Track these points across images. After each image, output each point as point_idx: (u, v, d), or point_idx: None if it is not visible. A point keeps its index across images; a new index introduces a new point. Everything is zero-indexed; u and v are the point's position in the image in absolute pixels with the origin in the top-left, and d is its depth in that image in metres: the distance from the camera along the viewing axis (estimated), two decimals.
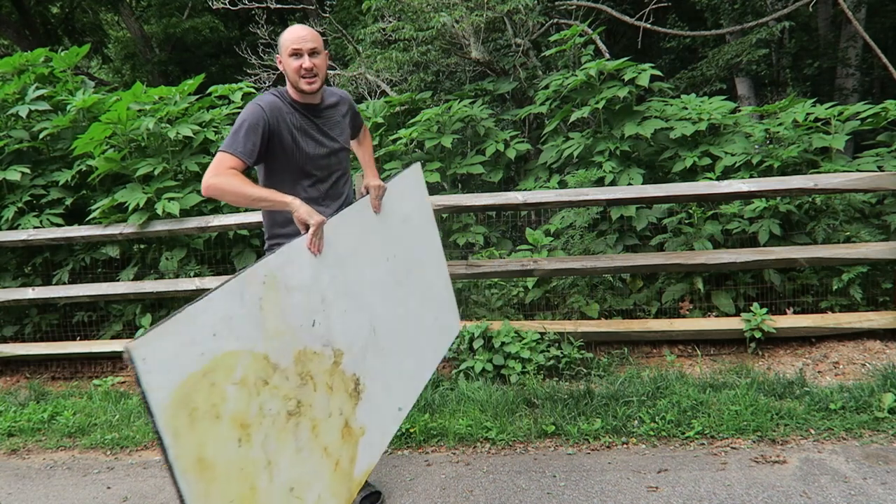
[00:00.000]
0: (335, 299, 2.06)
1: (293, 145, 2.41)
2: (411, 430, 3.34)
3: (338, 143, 2.55)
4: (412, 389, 2.47)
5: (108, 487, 3.17)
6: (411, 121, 5.24)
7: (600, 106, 4.55)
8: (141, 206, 4.39)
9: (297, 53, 2.34)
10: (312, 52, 2.34)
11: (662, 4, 6.81)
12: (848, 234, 4.05)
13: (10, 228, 4.77)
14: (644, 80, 4.49)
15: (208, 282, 4.42)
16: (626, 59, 4.70)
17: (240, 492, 1.62)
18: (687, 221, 4.32)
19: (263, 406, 1.72)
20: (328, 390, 1.96)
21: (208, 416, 1.57)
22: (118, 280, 4.75)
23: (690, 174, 4.44)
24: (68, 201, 4.88)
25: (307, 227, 2.02)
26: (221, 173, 2.21)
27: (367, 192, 2.39)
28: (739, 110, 4.90)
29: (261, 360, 1.74)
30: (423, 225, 2.76)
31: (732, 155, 4.36)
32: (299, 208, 2.08)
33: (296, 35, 2.36)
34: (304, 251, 2.00)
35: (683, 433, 3.15)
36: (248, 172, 2.38)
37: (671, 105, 4.78)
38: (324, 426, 1.92)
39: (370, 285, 2.26)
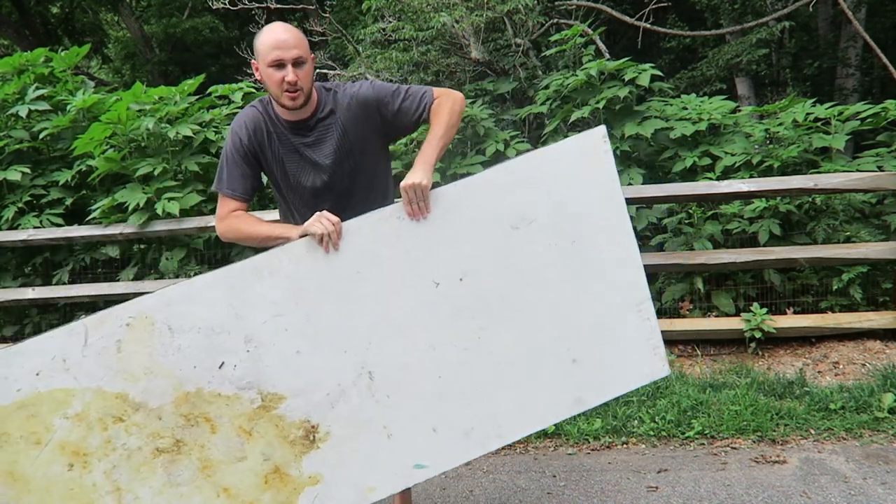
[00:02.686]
0: (278, 340, 1.91)
1: (281, 173, 2.11)
2: None
3: (332, 167, 2.08)
4: (464, 447, 2.00)
5: None
6: None
7: (601, 106, 4.55)
8: (141, 206, 4.39)
9: (278, 64, 1.91)
10: (297, 62, 1.92)
11: (662, 4, 6.80)
12: (848, 234, 4.05)
13: (10, 228, 4.77)
14: (644, 80, 4.49)
15: None
16: (626, 59, 4.70)
17: None
18: (687, 221, 4.32)
19: (112, 440, 1.87)
20: (242, 434, 1.92)
21: (24, 441, 1.83)
22: (118, 280, 4.75)
23: (690, 174, 4.44)
24: (68, 201, 4.88)
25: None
26: (225, 218, 2.07)
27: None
28: (739, 110, 4.90)
29: (112, 398, 1.86)
30: (572, 225, 2.01)
31: (732, 155, 4.36)
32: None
33: (277, 39, 1.92)
34: (217, 286, 1.89)
35: (683, 433, 3.15)
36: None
37: (671, 105, 4.78)
38: (226, 468, 1.93)
39: (375, 321, 1.95)
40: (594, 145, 2.05)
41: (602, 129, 2.05)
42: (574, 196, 2.02)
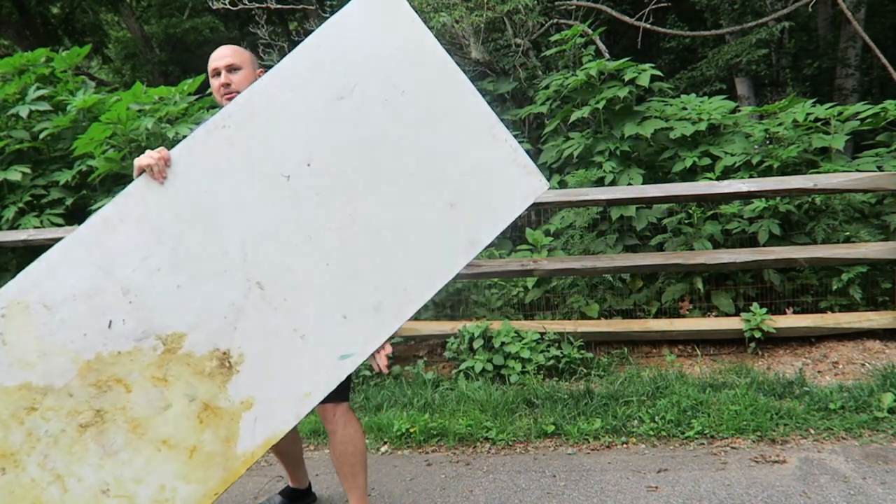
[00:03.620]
0: (155, 281, 1.91)
1: None
2: (411, 430, 3.34)
3: None
4: (380, 322, 1.99)
5: None
6: None
7: (600, 106, 4.55)
8: None
9: (215, 73, 2.20)
10: (230, 68, 2.18)
11: (662, 4, 6.81)
12: (847, 234, 4.05)
13: (11, 228, 4.77)
14: (644, 80, 4.49)
15: None
16: (626, 59, 4.70)
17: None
18: (687, 221, 4.32)
19: (34, 431, 1.85)
20: (158, 383, 1.92)
21: None
22: None
23: (690, 174, 4.45)
24: (69, 201, 4.88)
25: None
26: None
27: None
28: (739, 110, 4.90)
29: (16, 391, 1.84)
30: (398, 77, 1.99)
31: (732, 155, 4.37)
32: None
33: (214, 55, 2.23)
34: (76, 251, 1.89)
35: (683, 433, 3.15)
36: None
37: (671, 105, 4.79)
38: (156, 421, 1.92)
39: (242, 232, 1.94)
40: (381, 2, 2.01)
41: None
42: (383, 47, 2.00)
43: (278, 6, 7.71)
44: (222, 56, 2.21)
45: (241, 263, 1.94)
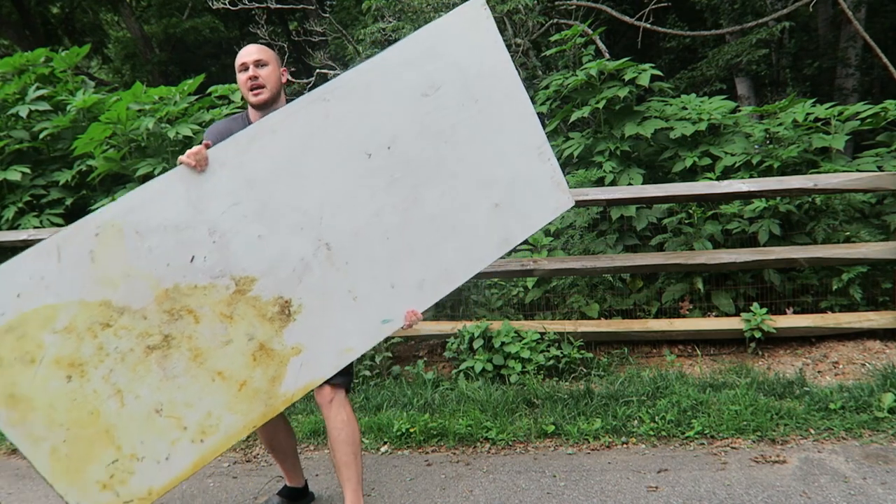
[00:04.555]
0: (240, 226, 2.08)
1: None
2: (411, 430, 3.34)
3: None
4: (421, 296, 2.28)
5: None
6: None
7: (600, 106, 4.55)
8: None
9: (244, 67, 2.36)
10: (257, 63, 2.34)
11: (662, 4, 6.81)
12: (848, 234, 4.05)
13: (11, 228, 4.77)
14: (644, 80, 4.49)
15: None
16: (626, 59, 4.70)
17: (74, 417, 1.94)
18: (687, 221, 4.32)
19: (105, 346, 1.98)
20: (224, 319, 2.09)
21: (18, 362, 1.89)
22: None
23: (690, 174, 4.44)
24: (68, 201, 4.88)
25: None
26: None
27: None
28: (739, 110, 4.90)
29: (96, 307, 1.97)
30: (474, 87, 2.28)
31: (732, 155, 4.36)
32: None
33: (242, 51, 2.40)
34: (175, 185, 2.03)
35: (683, 433, 3.15)
36: None
37: (671, 105, 4.78)
38: (215, 353, 2.09)
39: (323, 195, 2.16)
40: (476, 13, 2.28)
41: (482, 1, 2.30)
42: (468, 60, 2.27)
43: (278, 6, 7.71)
44: (250, 52, 2.37)
45: (316, 224, 2.16)
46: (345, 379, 2.38)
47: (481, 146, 2.30)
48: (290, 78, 2.51)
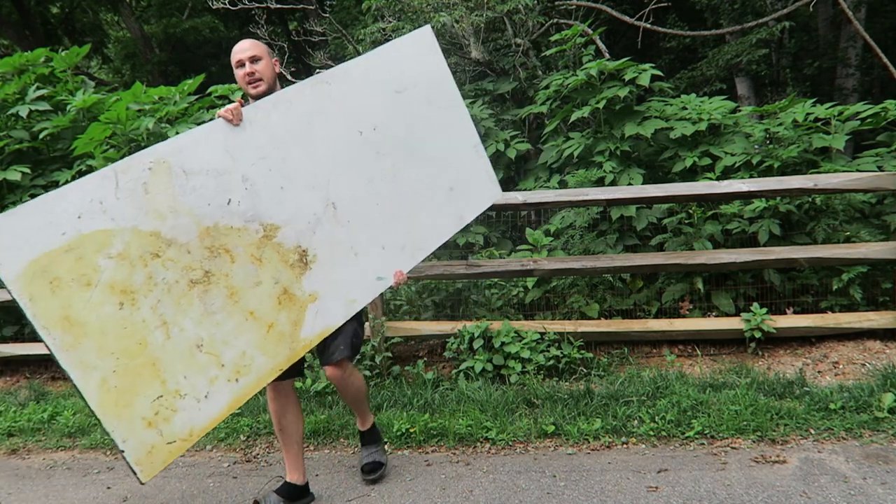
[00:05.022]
0: (265, 178, 2.32)
1: None
2: (411, 430, 3.34)
3: None
4: (404, 259, 2.65)
5: (108, 487, 3.17)
6: None
7: (600, 106, 4.55)
8: None
9: (240, 63, 2.57)
10: (253, 59, 2.56)
11: (662, 4, 6.81)
12: (848, 234, 4.05)
13: None
14: (645, 80, 4.49)
15: None
16: (626, 59, 4.70)
17: (124, 346, 2.02)
18: (687, 221, 4.32)
19: (154, 276, 2.08)
20: (254, 261, 2.28)
21: (75, 283, 1.95)
22: None
23: (690, 174, 4.44)
24: None
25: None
26: None
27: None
28: (739, 110, 4.90)
29: (147, 236, 2.08)
30: (430, 94, 2.79)
31: (732, 155, 4.36)
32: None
33: (237, 48, 2.60)
34: (213, 136, 2.23)
35: (683, 433, 3.15)
36: None
37: (671, 105, 4.78)
38: (247, 293, 2.26)
39: (329, 161, 2.47)
40: (426, 37, 2.83)
41: (427, 28, 2.87)
42: (423, 71, 2.78)
43: (278, 6, 7.70)
44: (245, 49, 2.58)
45: (325, 185, 2.45)
46: (353, 353, 2.65)
47: (438, 139, 2.80)
48: (282, 71, 2.78)
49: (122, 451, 1.99)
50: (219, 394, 2.16)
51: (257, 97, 2.53)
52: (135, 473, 2.02)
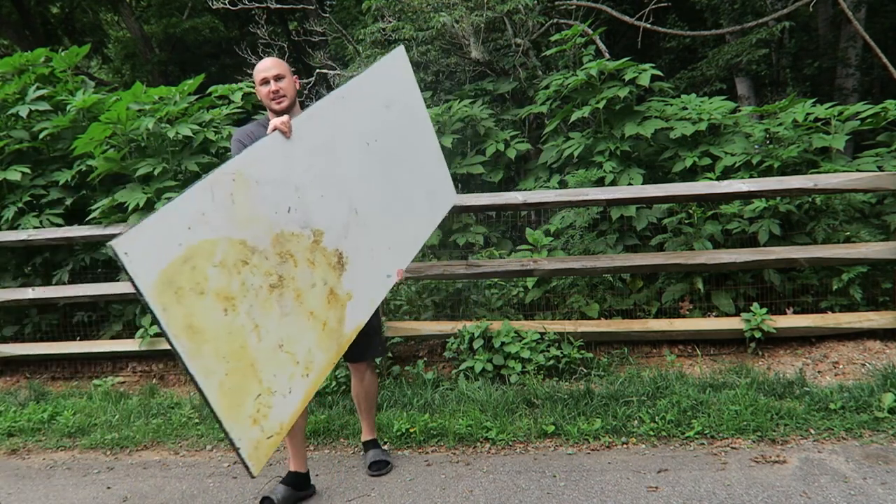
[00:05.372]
0: (310, 187, 2.45)
1: None
2: (411, 430, 3.34)
3: None
4: (402, 257, 2.88)
5: (108, 487, 3.17)
6: None
7: (601, 106, 4.55)
8: (141, 206, 4.39)
9: (265, 81, 2.73)
10: (277, 78, 2.72)
11: (662, 4, 6.80)
12: (848, 234, 4.05)
13: (10, 228, 4.76)
14: (645, 80, 4.49)
15: None
16: (626, 59, 4.70)
17: (231, 349, 2.12)
18: (687, 221, 4.32)
19: (245, 282, 2.18)
20: (310, 265, 2.41)
21: (193, 292, 2.03)
22: (118, 280, 4.75)
23: (690, 174, 4.44)
24: (68, 201, 4.88)
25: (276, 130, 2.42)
26: None
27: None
28: (739, 110, 4.90)
29: (238, 244, 2.17)
30: (409, 108, 3.05)
31: (732, 155, 4.36)
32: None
33: (262, 66, 2.76)
34: (273, 148, 2.35)
35: (683, 433, 3.15)
36: None
37: (671, 105, 4.78)
38: (308, 294, 2.39)
39: (348, 171, 2.63)
40: (401, 57, 3.04)
41: (401, 48, 3.08)
42: (402, 89, 3.01)
43: (278, 6, 7.70)
44: (269, 68, 2.74)
45: (349, 192, 2.61)
46: (384, 351, 2.93)
47: (418, 148, 3.06)
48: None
49: (238, 449, 2.14)
50: (297, 389, 2.32)
51: (280, 113, 2.69)
52: (248, 468, 2.17)
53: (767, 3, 8.06)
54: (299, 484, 2.86)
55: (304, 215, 2.42)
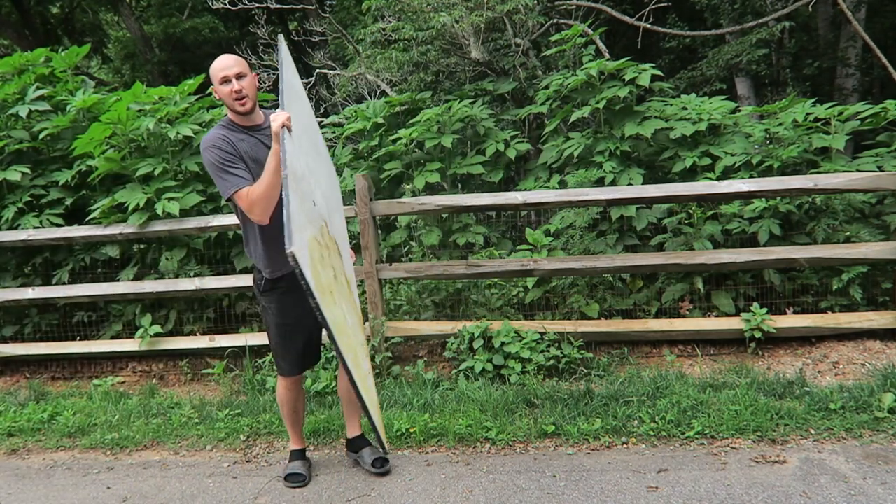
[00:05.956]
0: (311, 179, 2.53)
1: (254, 165, 2.63)
2: (411, 430, 3.34)
3: None
4: (346, 242, 3.03)
5: (108, 487, 3.17)
6: (411, 121, 5.24)
7: (600, 106, 4.55)
8: (141, 206, 4.39)
9: (226, 80, 2.59)
10: (238, 76, 2.60)
11: (662, 4, 6.81)
12: (848, 234, 4.05)
13: (10, 228, 4.76)
14: (645, 80, 4.49)
15: (208, 282, 4.42)
16: (626, 59, 4.70)
17: (349, 339, 2.34)
18: (687, 221, 4.32)
19: (332, 273, 2.38)
20: (335, 253, 2.57)
21: (328, 295, 2.23)
22: (118, 280, 4.75)
23: (690, 174, 4.44)
24: (68, 201, 4.88)
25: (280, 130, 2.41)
26: (252, 203, 2.52)
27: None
28: (739, 110, 4.90)
29: (317, 241, 2.33)
30: (301, 90, 3.05)
31: (732, 155, 4.36)
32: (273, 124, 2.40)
33: (221, 64, 2.61)
34: (291, 145, 2.35)
35: (683, 433, 3.15)
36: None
37: (671, 105, 4.78)
38: (344, 282, 2.58)
39: (314, 161, 2.72)
40: (284, 47, 2.89)
41: (280, 37, 3.11)
42: (293, 72, 2.89)
43: (278, 6, 7.71)
44: (230, 66, 2.60)
45: (318, 181, 2.65)
46: None
47: (317, 130, 3.10)
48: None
49: (376, 431, 2.36)
50: (369, 368, 2.55)
51: (245, 114, 2.64)
52: (383, 447, 2.47)
53: (767, 3, 8.06)
54: (296, 455, 3.10)
55: (319, 207, 2.51)
